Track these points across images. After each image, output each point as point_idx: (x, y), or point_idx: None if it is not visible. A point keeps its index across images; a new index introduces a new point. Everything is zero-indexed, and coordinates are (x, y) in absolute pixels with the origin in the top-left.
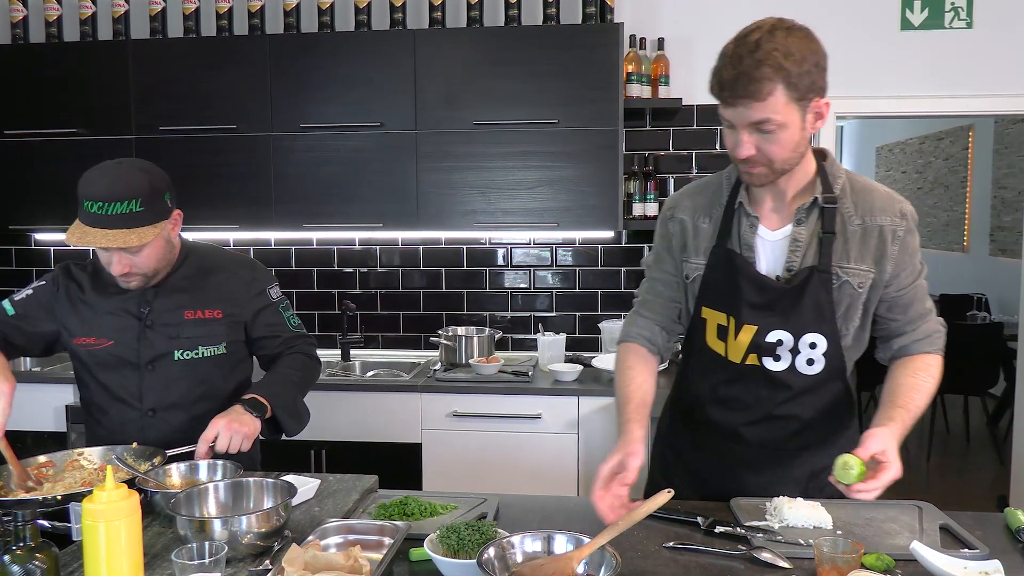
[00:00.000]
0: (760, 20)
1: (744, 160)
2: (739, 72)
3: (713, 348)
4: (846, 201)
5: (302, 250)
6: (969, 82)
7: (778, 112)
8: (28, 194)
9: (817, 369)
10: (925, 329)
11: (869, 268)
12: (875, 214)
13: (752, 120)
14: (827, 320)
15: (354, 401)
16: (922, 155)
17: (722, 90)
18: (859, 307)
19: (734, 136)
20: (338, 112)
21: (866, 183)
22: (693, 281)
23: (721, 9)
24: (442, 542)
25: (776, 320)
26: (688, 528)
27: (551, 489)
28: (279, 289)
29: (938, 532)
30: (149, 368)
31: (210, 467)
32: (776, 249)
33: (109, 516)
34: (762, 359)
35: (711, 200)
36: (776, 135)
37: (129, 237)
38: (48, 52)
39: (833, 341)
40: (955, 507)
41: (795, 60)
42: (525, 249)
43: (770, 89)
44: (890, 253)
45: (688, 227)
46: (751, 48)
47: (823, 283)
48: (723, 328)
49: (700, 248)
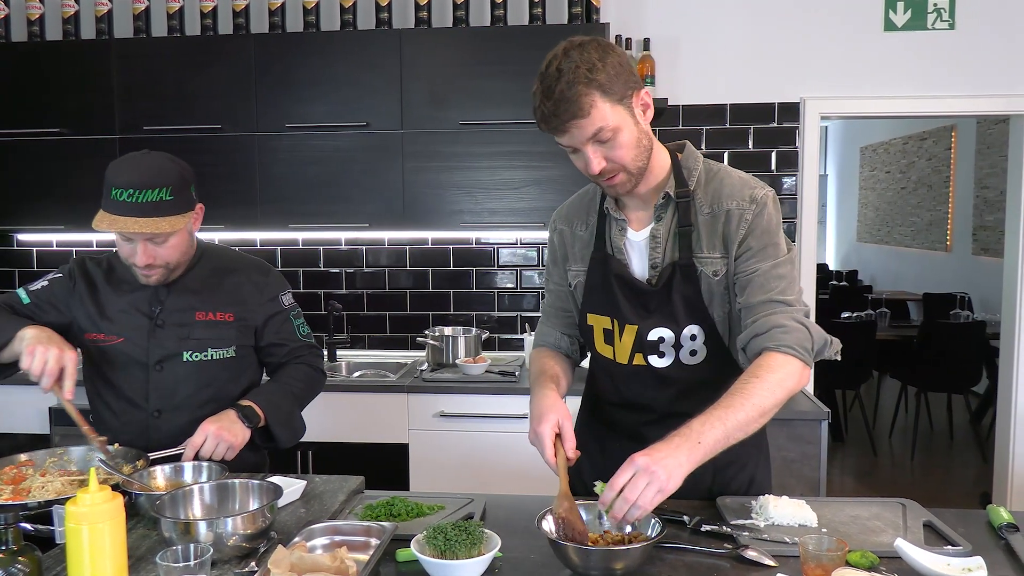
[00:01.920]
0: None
1: (600, 174)
2: (555, 100)
3: (602, 353)
4: (699, 191)
5: (288, 250)
6: (952, 83)
7: (606, 119)
8: (10, 194)
9: (700, 358)
10: (767, 322)
11: (721, 255)
12: (723, 200)
13: (587, 136)
14: (699, 310)
15: (341, 402)
16: (905, 155)
17: (548, 122)
18: (722, 295)
19: (581, 157)
20: (324, 112)
21: (721, 170)
22: (576, 288)
23: (706, 10)
24: (429, 543)
25: (654, 319)
26: (674, 527)
27: (538, 489)
28: (292, 296)
29: (922, 529)
30: (157, 368)
31: (195, 469)
32: (643, 249)
33: (93, 519)
34: (647, 358)
35: (587, 208)
36: (616, 140)
37: (160, 224)
38: (30, 51)
39: (710, 330)
40: (939, 504)
41: (598, 69)
42: (512, 249)
43: (590, 102)
44: (735, 237)
45: (567, 236)
46: (555, 76)
47: (686, 276)
48: (608, 332)
49: (579, 255)
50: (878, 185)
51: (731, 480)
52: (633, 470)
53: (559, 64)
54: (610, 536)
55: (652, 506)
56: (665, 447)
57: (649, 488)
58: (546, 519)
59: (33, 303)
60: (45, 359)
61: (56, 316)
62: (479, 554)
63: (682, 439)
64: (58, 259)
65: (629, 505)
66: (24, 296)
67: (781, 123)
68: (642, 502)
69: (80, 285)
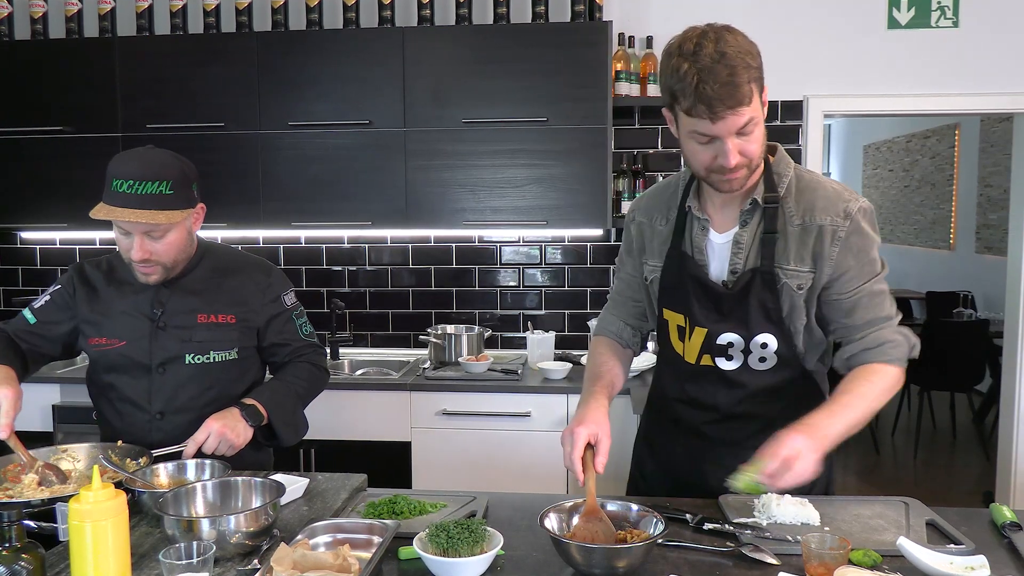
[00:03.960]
0: (693, 29)
1: (732, 168)
2: (721, 83)
3: (675, 348)
4: (789, 200)
5: (290, 248)
6: (955, 81)
7: (756, 110)
8: (14, 192)
9: (769, 365)
10: (876, 337)
11: (809, 269)
12: (815, 213)
13: (739, 126)
14: (774, 320)
15: (343, 400)
16: (909, 153)
17: (711, 106)
18: (802, 307)
19: (714, 148)
20: (326, 110)
21: (813, 180)
22: (652, 283)
23: (709, 8)
24: (431, 541)
25: (726, 323)
26: (677, 525)
27: (540, 487)
28: (294, 295)
29: (924, 528)
30: (160, 371)
31: (198, 467)
32: (723, 252)
33: (96, 516)
34: (715, 359)
35: (668, 202)
36: (755, 134)
37: (157, 216)
38: (33, 49)
39: (784, 340)
40: (942, 503)
41: (753, 56)
42: (514, 247)
43: (750, 91)
44: (828, 254)
45: (645, 229)
46: (716, 58)
47: (766, 284)
48: (682, 329)
49: (656, 250)
50: (881, 183)
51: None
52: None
53: (717, 47)
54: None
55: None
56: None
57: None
58: (548, 517)
59: (40, 321)
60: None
61: (63, 328)
62: (481, 552)
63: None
64: (61, 257)
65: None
66: (30, 316)
67: (784, 121)
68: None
69: (80, 292)
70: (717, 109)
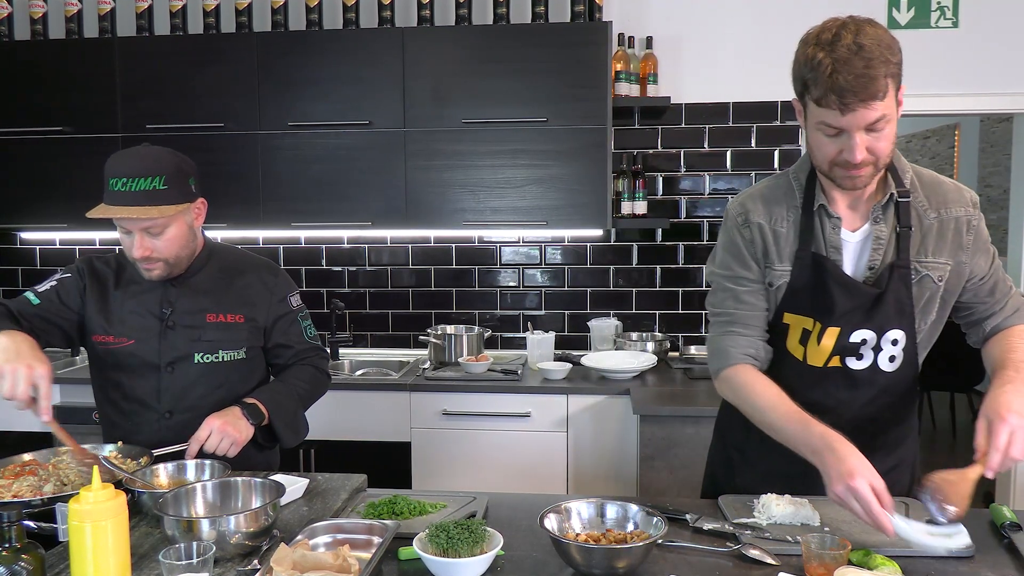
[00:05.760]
0: (833, 20)
1: (857, 164)
2: (856, 75)
3: (792, 353)
4: (918, 195)
5: (290, 248)
6: (955, 81)
7: (890, 107)
8: (13, 193)
9: (896, 365)
10: (1013, 304)
11: (947, 260)
12: (949, 206)
13: (870, 120)
14: (907, 315)
15: (343, 400)
16: (908, 153)
17: (842, 97)
18: (937, 300)
19: (841, 142)
20: (326, 110)
21: (932, 175)
22: (778, 288)
23: (709, 8)
24: (431, 541)
25: (860, 320)
26: (676, 525)
27: (540, 487)
28: (300, 297)
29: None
30: (169, 370)
31: (198, 467)
32: (857, 249)
33: (96, 517)
34: (844, 360)
35: (785, 203)
36: (886, 131)
37: (150, 211)
38: (33, 49)
39: (911, 335)
40: None
41: (892, 51)
42: (514, 247)
43: (885, 86)
44: (966, 243)
45: (767, 232)
46: (855, 49)
47: (903, 279)
48: (807, 332)
49: (783, 253)
50: None
51: (896, 482)
52: (1009, 430)
53: (856, 38)
54: (612, 534)
55: None
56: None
57: None
58: (548, 517)
59: (43, 304)
60: (15, 381)
61: (67, 315)
62: (481, 552)
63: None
64: (61, 257)
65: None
66: (34, 298)
67: (784, 121)
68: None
69: (90, 285)
70: (848, 100)
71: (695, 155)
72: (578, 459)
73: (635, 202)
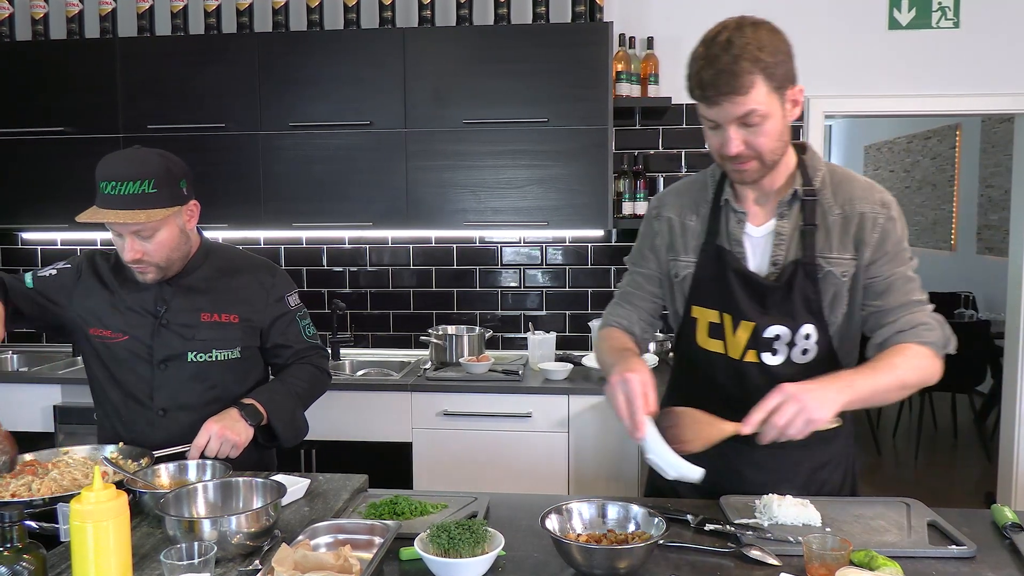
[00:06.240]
0: (724, 21)
1: (734, 157)
2: (718, 70)
3: (706, 347)
4: (826, 192)
5: (291, 249)
6: (956, 81)
7: (761, 103)
8: (15, 193)
9: (810, 357)
10: (910, 320)
11: (852, 256)
12: (855, 202)
13: (737, 115)
14: (815, 311)
15: (344, 400)
16: (910, 154)
17: (704, 90)
18: (844, 295)
19: (720, 135)
20: (327, 111)
21: (846, 173)
22: (683, 280)
23: (710, 8)
24: (432, 541)
25: (772, 316)
26: (677, 526)
27: (542, 488)
28: (298, 297)
29: (926, 529)
30: (162, 367)
31: (199, 467)
32: (762, 244)
33: (97, 517)
34: (760, 355)
35: (697, 198)
36: (762, 127)
37: (138, 216)
38: (34, 50)
39: (822, 330)
40: (943, 504)
41: (768, 51)
42: (515, 248)
43: (751, 82)
44: (869, 240)
45: (675, 225)
46: (724, 46)
47: (808, 275)
48: (716, 326)
49: (689, 246)
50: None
51: (827, 479)
52: (782, 397)
53: (730, 36)
54: (613, 535)
55: (801, 435)
56: (815, 382)
57: (799, 417)
58: (550, 517)
59: (36, 290)
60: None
61: (55, 307)
62: (483, 552)
63: (833, 379)
64: (62, 258)
65: (777, 431)
66: (30, 281)
67: None
68: (791, 431)
69: (87, 280)
70: (710, 94)
71: (696, 155)
72: (579, 459)
73: (636, 202)
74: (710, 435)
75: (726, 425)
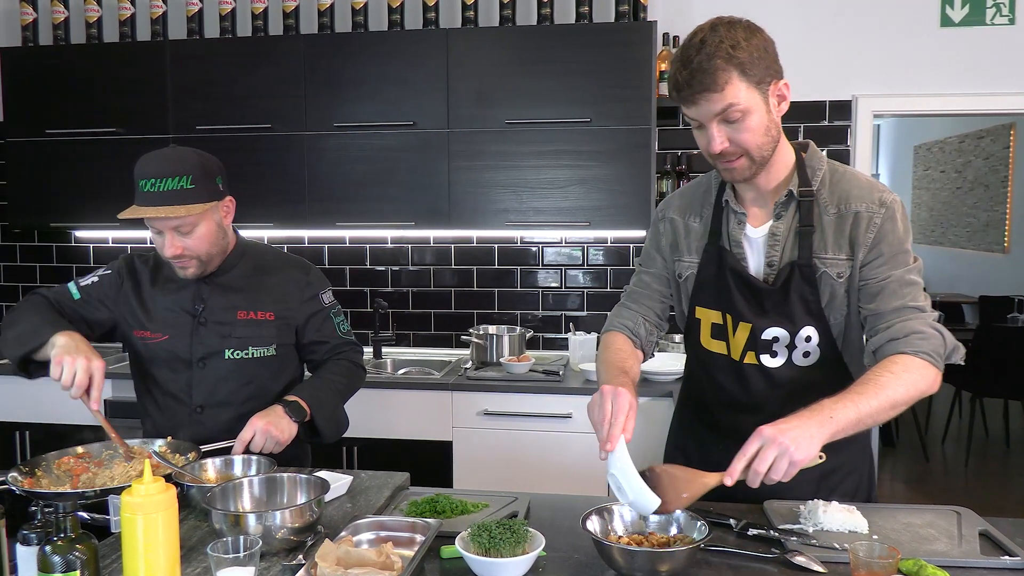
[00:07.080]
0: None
1: (720, 155)
2: (692, 69)
3: (709, 348)
4: (824, 191)
5: (335, 248)
6: (1011, 79)
7: (739, 99)
8: (68, 192)
9: (812, 360)
10: (903, 327)
11: (847, 256)
12: (851, 201)
13: (715, 112)
14: (814, 313)
15: (385, 399)
16: (961, 154)
17: (680, 90)
18: (842, 297)
19: (704, 134)
20: (371, 111)
21: (848, 172)
22: (686, 280)
23: (755, 7)
24: (473, 540)
25: (770, 318)
26: (720, 530)
27: (581, 489)
28: (331, 294)
29: (977, 538)
30: (200, 365)
31: (244, 462)
32: (759, 246)
33: (147, 509)
34: (759, 356)
35: (701, 199)
36: (744, 122)
37: (178, 210)
38: (88, 53)
39: (824, 331)
40: (994, 513)
41: (742, 48)
42: (556, 248)
43: (726, 78)
44: (863, 240)
45: (679, 226)
46: (697, 47)
47: (805, 277)
48: (719, 327)
49: (692, 247)
50: (932, 185)
51: (837, 485)
52: (760, 442)
53: (703, 36)
54: (655, 538)
55: (787, 477)
56: (794, 419)
57: (780, 460)
58: (591, 519)
59: (83, 298)
60: (73, 370)
61: (104, 313)
62: (523, 553)
63: (812, 413)
64: (113, 255)
65: (759, 477)
66: (75, 291)
67: (832, 121)
68: (774, 475)
69: (127, 283)
70: (684, 92)
71: None
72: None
73: None
74: (693, 491)
75: (709, 478)
